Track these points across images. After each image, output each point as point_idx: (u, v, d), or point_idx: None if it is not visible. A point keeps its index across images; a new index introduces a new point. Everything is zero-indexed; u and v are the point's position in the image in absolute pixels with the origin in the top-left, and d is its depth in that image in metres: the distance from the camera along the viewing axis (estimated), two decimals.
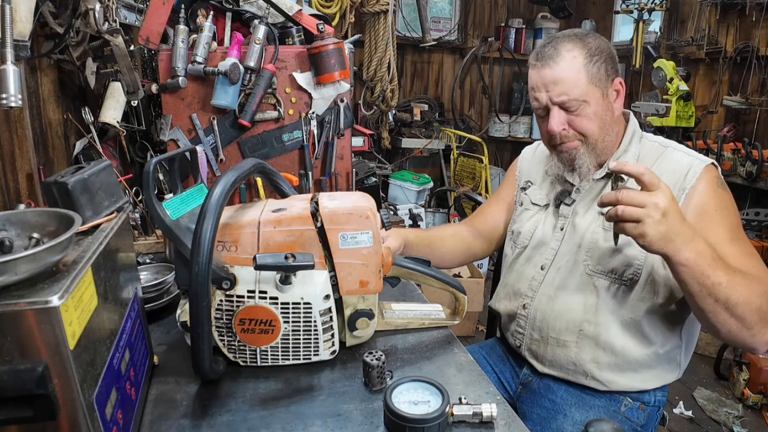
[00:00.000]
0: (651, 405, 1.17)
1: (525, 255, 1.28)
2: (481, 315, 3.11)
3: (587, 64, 1.08)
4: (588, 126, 1.11)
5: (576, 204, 1.20)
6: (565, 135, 1.12)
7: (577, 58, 1.08)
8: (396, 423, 0.74)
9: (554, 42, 1.11)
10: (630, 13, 4.04)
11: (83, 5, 1.39)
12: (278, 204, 0.95)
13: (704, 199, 1.06)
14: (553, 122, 1.11)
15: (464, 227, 1.45)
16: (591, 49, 1.09)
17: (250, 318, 0.85)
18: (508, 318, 1.30)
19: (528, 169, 1.40)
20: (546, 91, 1.10)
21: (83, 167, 0.79)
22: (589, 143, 1.13)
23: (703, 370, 2.73)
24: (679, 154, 1.13)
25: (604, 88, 1.10)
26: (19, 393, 0.52)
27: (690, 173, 1.07)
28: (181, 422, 0.78)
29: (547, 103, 1.11)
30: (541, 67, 1.10)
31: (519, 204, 1.37)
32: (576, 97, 1.08)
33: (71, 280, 0.56)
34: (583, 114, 1.10)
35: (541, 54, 1.11)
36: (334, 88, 1.75)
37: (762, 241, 2.94)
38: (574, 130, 1.12)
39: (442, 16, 5.11)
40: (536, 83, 1.12)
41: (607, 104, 1.12)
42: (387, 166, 4.25)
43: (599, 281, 1.12)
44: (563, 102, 1.09)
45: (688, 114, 3.31)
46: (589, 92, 1.08)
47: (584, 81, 1.08)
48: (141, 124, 1.84)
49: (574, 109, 1.09)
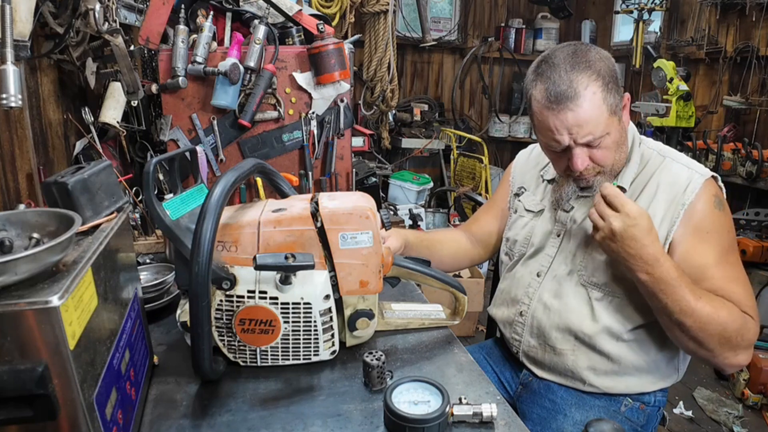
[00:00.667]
0: (651, 405, 1.17)
1: (522, 262, 1.27)
2: (481, 315, 3.11)
3: (606, 97, 1.02)
4: (609, 156, 1.08)
5: (575, 211, 1.18)
6: (587, 170, 1.09)
7: (596, 94, 1.01)
8: (396, 423, 0.74)
9: (568, 77, 1.01)
10: (630, 13, 4.04)
11: (83, 5, 1.39)
12: (278, 204, 0.95)
13: (701, 217, 1.05)
14: (578, 162, 1.06)
15: (462, 233, 1.45)
16: (604, 76, 1.02)
17: (250, 318, 0.85)
18: (505, 325, 1.30)
19: (522, 174, 1.38)
20: (569, 134, 1.04)
21: (83, 167, 0.79)
22: (608, 170, 1.10)
23: (703, 370, 2.73)
24: (678, 166, 1.11)
25: (618, 110, 1.06)
26: (19, 393, 0.52)
27: (689, 188, 1.06)
28: (181, 422, 0.78)
29: (570, 144, 1.05)
30: (559, 111, 1.02)
31: (513, 211, 1.35)
32: (600, 134, 1.04)
33: (71, 280, 0.56)
34: (603, 146, 1.06)
35: (556, 95, 1.01)
36: (334, 88, 1.75)
37: (762, 241, 2.94)
38: (595, 162, 1.08)
39: (442, 16, 5.12)
40: (555, 126, 1.04)
41: (622, 126, 1.08)
42: (387, 166, 4.25)
43: (593, 292, 1.12)
44: (589, 141, 1.04)
45: (688, 114, 3.31)
46: (610, 124, 1.04)
47: (606, 115, 1.03)
48: (141, 124, 1.84)
49: (596, 144, 1.05)
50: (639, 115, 3.62)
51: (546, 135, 1.07)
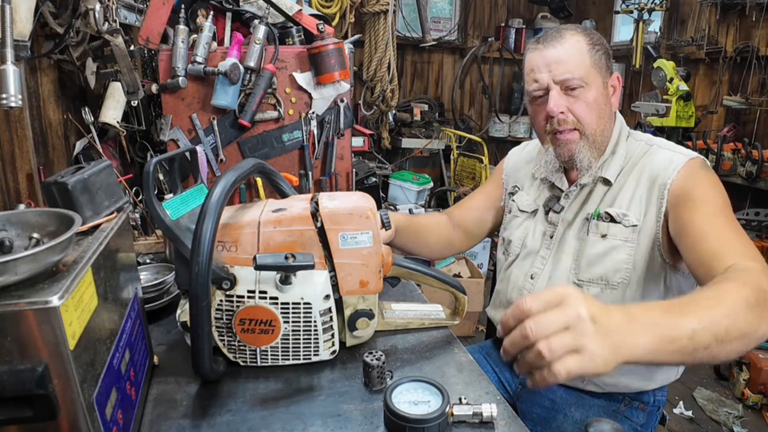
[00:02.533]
0: (651, 405, 1.17)
1: (516, 263, 1.27)
2: (481, 315, 3.10)
3: (590, 50, 1.09)
4: (587, 112, 1.09)
5: (564, 211, 1.18)
6: (563, 119, 1.09)
7: (580, 42, 1.09)
8: (396, 423, 0.74)
9: (557, 28, 1.12)
10: (630, 13, 4.04)
11: (83, 5, 1.39)
12: (278, 204, 0.95)
13: (683, 183, 1.03)
14: (552, 102, 1.08)
15: (444, 217, 1.43)
16: (593, 39, 1.10)
17: (250, 318, 0.85)
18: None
19: (515, 172, 1.38)
20: (548, 71, 1.08)
21: (83, 167, 0.79)
22: (588, 134, 1.10)
23: (703, 370, 2.73)
24: (663, 151, 1.11)
25: (605, 77, 1.11)
26: (19, 393, 0.52)
27: (670, 168, 1.06)
28: (181, 422, 0.78)
29: (548, 83, 1.08)
30: (543, 48, 1.09)
31: (508, 211, 1.35)
32: (579, 77, 1.06)
33: (71, 280, 0.56)
34: (582, 98, 1.08)
35: (544, 37, 1.11)
36: (334, 88, 1.75)
37: (762, 241, 2.94)
38: (573, 115, 1.09)
39: (442, 16, 5.11)
40: (537, 64, 1.10)
41: (606, 95, 1.11)
42: (387, 166, 4.25)
43: (589, 289, 1.12)
44: (566, 80, 1.07)
45: (688, 114, 3.31)
46: (591, 76, 1.08)
47: (587, 63, 1.08)
48: (141, 124, 1.84)
49: (574, 89, 1.07)
50: (639, 115, 3.62)
51: (529, 78, 1.13)
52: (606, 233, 1.10)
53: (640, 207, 1.08)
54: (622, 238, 1.09)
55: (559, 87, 1.08)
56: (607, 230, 1.10)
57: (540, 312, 0.62)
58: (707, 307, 0.71)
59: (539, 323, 0.61)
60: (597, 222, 1.11)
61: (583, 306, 0.62)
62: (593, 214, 1.12)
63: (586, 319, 0.61)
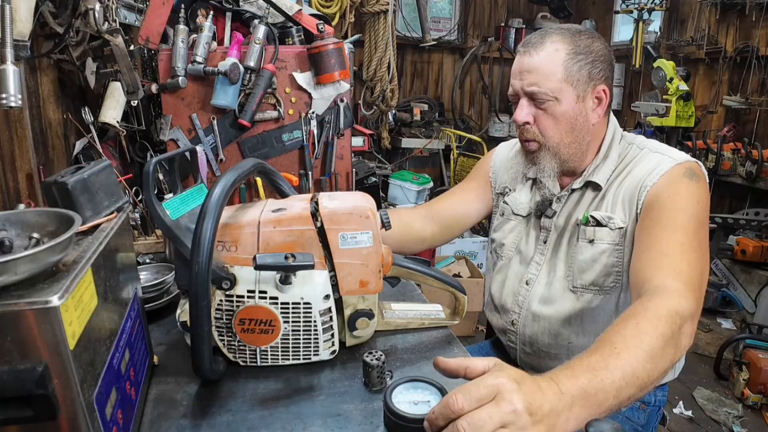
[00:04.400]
0: (651, 405, 1.17)
1: (510, 268, 1.25)
2: (481, 315, 3.11)
3: (567, 61, 1.04)
4: (551, 126, 1.07)
5: (557, 216, 1.17)
6: (526, 129, 1.09)
7: (559, 51, 1.04)
8: (396, 423, 0.74)
9: (543, 32, 1.08)
10: (630, 12, 4.05)
11: (83, 5, 1.39)
12: (278, 204, 0.95)
13: (659, 189, 1.01)
14: (517, 111, 1.08)
15: (417, 212, 1.36)
16: (578, 47, 1.04)
17: (250, 318, 0.85)
18: (499, 332, 1.30)
19: (505, 170, 1.33)
20: (520, 79, 1.07)
21: (83, 167, 0.79)
22: (550, 146, 1.09)
23: (703, 370, 2.73)
24: (653, 155, 1.09)
25: (582, 92, 1.06)
26: (19, 393, 0.52)
27: (655, 172, 1.04)
28: (181, 422, 0.78)
29: (519, 91, 1.08)
30: (523, 53, 1.07)
31: (500, 213, 1.32)
32: (546, 91, 1.04)
33: (71, 280, 0.56)
34: (549, 111, 1.06)
35: (527, 41, 1.08)
36: (334, 88, 1.75)
37: (762, 241, 2.94)
38: (537, 128, 1.08)
39: (442, 16, 5.12)
40: (514, 69, 1.10)
41: (580, 109, 1.07)
42: (387, 166, 4.25)
43: (584, 295, 1.11)
44: (532, 93, 1.05)
45: (688, 114, 3.31)
46: (561, 90, 1.04)
47: (559, 77, 1.04)
48: (141, 124, 1.84)
49: (541, 103, 1.06)
50: (639, 115, 3.62)
51: (511, 81, 1.12)
52: (593, 238, 1.09)
53: (625, 210, 1.07)
54: (610, 242, 1.08)
55: (528, 97, 1.07)
56: (594, 235, 1.09)
57: (473, 410, 0.57)
58: (629, 355, 0.70)
59: (473, 423, 0.55)
60: (584, 227, 1.11)
61: (519, 398, 0.57)
62: (582, 219, 1.12)
63: (523, 413, 0.57)
